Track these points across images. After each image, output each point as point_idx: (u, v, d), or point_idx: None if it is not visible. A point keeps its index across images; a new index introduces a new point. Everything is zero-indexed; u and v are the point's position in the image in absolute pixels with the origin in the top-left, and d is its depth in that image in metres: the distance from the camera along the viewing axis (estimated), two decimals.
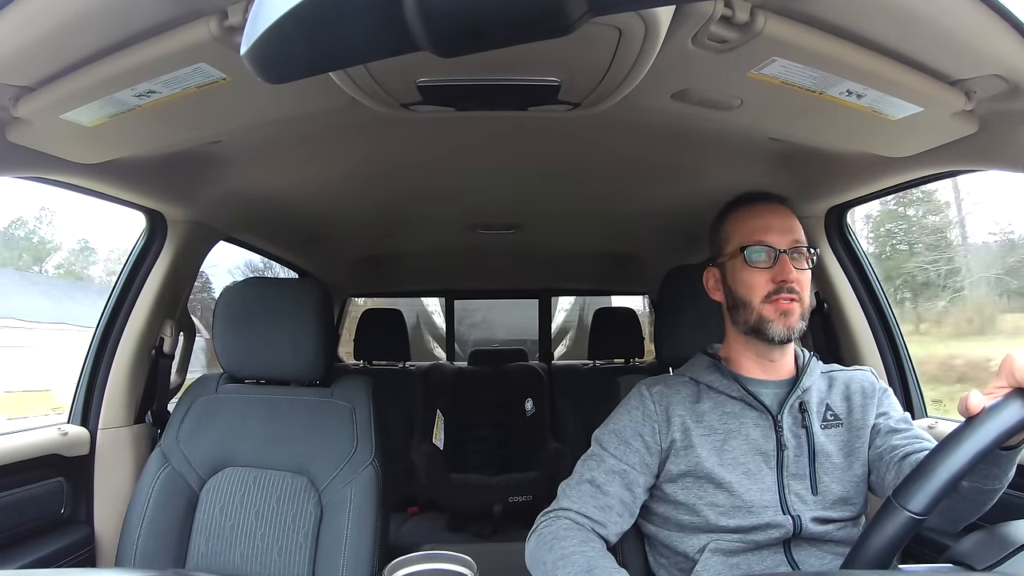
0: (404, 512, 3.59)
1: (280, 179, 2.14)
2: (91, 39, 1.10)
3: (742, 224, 1.50)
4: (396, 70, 1.17)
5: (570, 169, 2.10)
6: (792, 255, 1.44)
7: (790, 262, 1.43)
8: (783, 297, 1.42)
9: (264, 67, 0.61)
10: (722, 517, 1.39)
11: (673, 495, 1.45)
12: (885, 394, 1.52)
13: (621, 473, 1.44)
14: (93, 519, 2.08)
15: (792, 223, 1.48)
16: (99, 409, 2.12)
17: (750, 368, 1.52)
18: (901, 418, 1.47)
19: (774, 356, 1.50)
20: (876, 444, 1.43)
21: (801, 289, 1.43)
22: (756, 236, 1.46)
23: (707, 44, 1.13)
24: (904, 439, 1.38)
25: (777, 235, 1.45)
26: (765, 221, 1.47)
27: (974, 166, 1.56)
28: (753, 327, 1.46)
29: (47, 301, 6.51)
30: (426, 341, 6.25)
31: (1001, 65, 1.15)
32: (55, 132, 1.39)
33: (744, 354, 1.52)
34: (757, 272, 1.44)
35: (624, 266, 3.88)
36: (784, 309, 1.42)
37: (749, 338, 1.49)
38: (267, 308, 1.92)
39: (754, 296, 1.44)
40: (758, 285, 1.44)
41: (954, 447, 0.95)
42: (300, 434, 1.87)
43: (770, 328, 1.43)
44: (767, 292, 1.43)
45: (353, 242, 3.34)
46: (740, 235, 1.49)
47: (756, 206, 1.51)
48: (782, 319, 1.42)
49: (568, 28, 0.56)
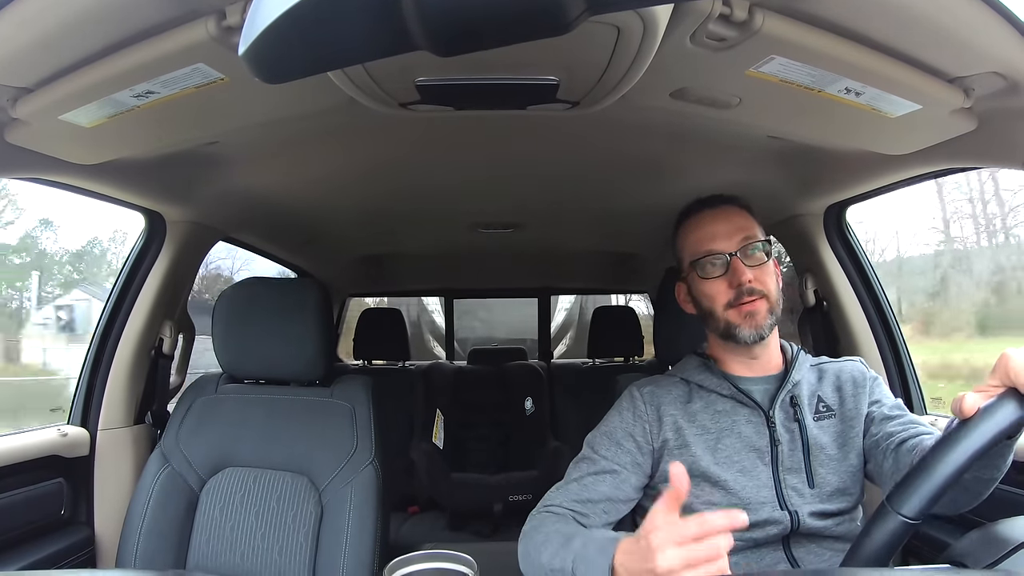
0: (404, 511, 3.58)
1: (279, 179, 2.14)
2: (89, 40, 1.10)
3: (689, 237, 1.52)
4: (394, 69, 1.17)
5: (569, 168, 2.10)
6: (746, 253, 1.44)
7: (743, 263, 1.43)
8: (744, 300, 1.43)
9: (262, 67, 0.61)
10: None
11: None
12: (876, 382, 1.52)
13: (612, 473, 1.45)
14: (93, 520, 2.08)
15: (739, 222, 1.48)
16: (99, 410, 2.12)
17: (736, 367, 1.53)
18: (894, 404, 1.47)
19: (755, 354, 1.50)
20: (871, 432, 1.43)
21: (763, 284, 1.44)
22: (703, 247, 1.47)
23: (705, 42, 1.13)
24: (899, 425, 1.39)
25: (724, 240, 1.46)
26: (709, 229, 1.48)
27: (973, 163, 1.56)
28: (723, 333, 1.47)
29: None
30: (426, 340, 6.25)
31: (999, 62, 1.15)
32: (54, 133, 1.38)
33: (727, 355, 1.53)
34: (713, 282, 1.46)
35: (624, 265, 3.88)
36: (748, 311, 1.43)
37: (726, 342, 1.50)
38: (267, 308, 1.92)
39: (716, 305, 1.46)
40: (718, 294, 1.46)
41: (948, 450, 0.94)
42: (300, 434, 1.87)
43: (738, 332, 1.44)
44: (727, 300, 1.44)
45: (352, 242, 3.34)
46: (689, 248, 1.51)
47: (700, 215, 1.52)
48: (748, 321, 1.43)
49: (566, 27, 0.56)
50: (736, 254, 1.44)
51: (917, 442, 1.30)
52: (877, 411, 1.45)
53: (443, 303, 5.18)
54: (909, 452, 1.29)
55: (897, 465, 1.32)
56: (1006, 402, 0.94)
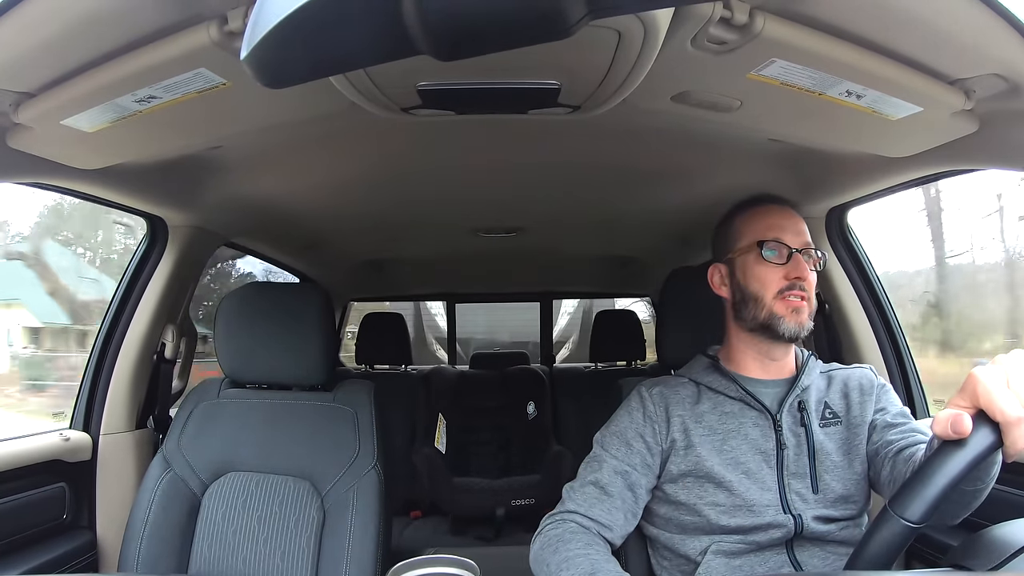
0: (407, 516, 3.59)
1: (281, 184, 2.14)
2: (92, 44, 1.10)
3: (758, 221, 1.53)
4: (396, 74, 1.17)
5: (571, 172, 2.10)
6: (804, 256, 1.47)
7: (803, 261, 1.46)
8: (795, 294, 1.44)
9: (264, 72, 0.61)
10: (723, 516, 1.39)
11: (674, 495, 1.45)
12: (884, 390, 1.52)
13: (624, 474, 1.45)
14: (95, 525, 2.08)
15: (803, 226, 1.52)
16: (101, 414, 2.12)
17: (750, 367, 1.52)
18: (899, 412, 1.47)
19: (777, 355, 1.51)
20: (873, 440, 1.43)
21: (810, 289, 1.46)
22: (772, 233, 1.49)
23: (706, 46, 1.13)
24: (899, 433, 1.39)
25: (792, 235, 1.49)
26: (780, 220, 1.51)
27: (974, 165, 1.56)
28: (763, 323, 1.47)
29: None
30: (428, 344, 6.25)
31: (1000, 64, 1.15)
32: (56, 138, 1.38)
33: (746, 353, 1.53)
34: (771, 268, 1.47)
35: (625, 268, 3.88)
36: (796, 307, 1.44)
37: (755, 335, 1.50)
38: (269, 313, 1.92)
39: (767, 291, 1.46)
40: (772, 280, 1.46)
41: (951, 454, 0.94)
42: (302, 439, 1.87)
43: (781, 324, 1.44)
44: (779, 288, 1.45)
45: (354, 246, 3.34)
46: (755, 231, 1.52)
47: (770, 206, 1.55)
48: (793, 316, 1.44)
49: (567, 31, 0.56)
50: (800, 251, 1.47)
51: (915, 450, 1.30)
52: (880, 419, 1.45)
53: (445, 307, 5.19)
54: (906, 460, 1.30)
55: (894, 473, 1.32)
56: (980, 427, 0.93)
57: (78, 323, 5.82)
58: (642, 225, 2.84)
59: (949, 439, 0.93)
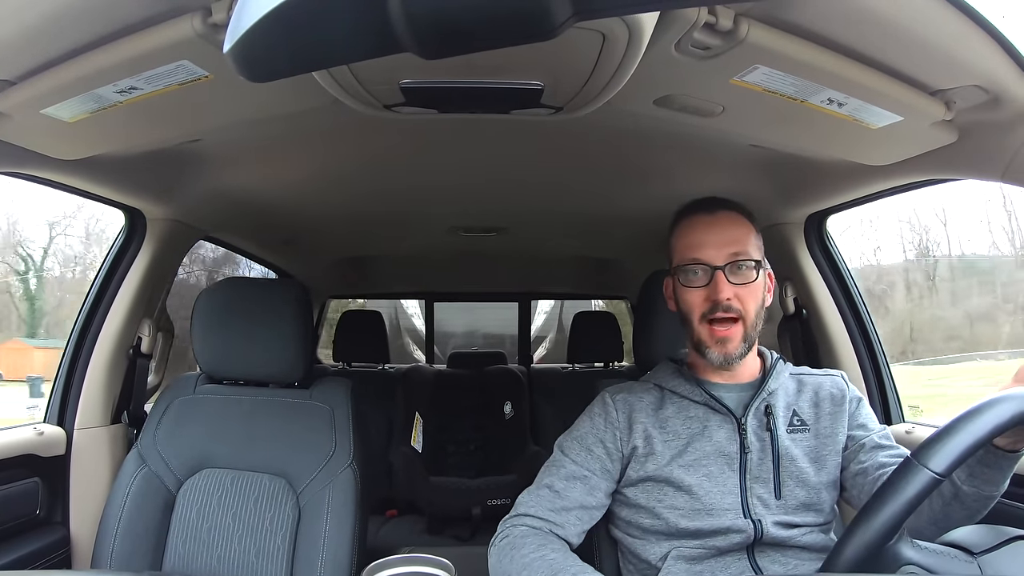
0: (382, 515, 3.57)
1: (261, 178, 2.13)
2: (73, 34, 1.09)
3: (679, 239, 1.49)
4: (379, 71, 1.17)
5: (552, 173, 2.10)
6: (733, 269, 1.41)
7: (727, 278, 1.41)
8: (718, 318, 1.41)
9: (247, 65, 0.61)
10: (682, 519, 1.38)
11: (634, 499, 1.45)
12: (860, 404, 1.51)
13: (582, 479, 1.45)
14: (69, 520, 2.05)
15: (733, 233, 1.45)
16: (75, 409, 2.09)
17: (711, 375, 1.51)
18: (884, 433, 1.46)
19: (730, 368, 1.48)
20: (860, 459, 1.41)
21: (743, 304, 1.41)
22: (690, 253, 1.44)
23: (690, 51, 1.13)
24: (890, 456, 1.38)
25: (713, 250, 1.42)
26: (701, 236, 1.44)
27: (953, 175, 1.57)
28: (695, 346, 1.47)
29: None
30: (405, 343, 6.23)
31: (981, 76, 1.16)
32: (35, 127, 1.37)
33: (702, 363, 1.50)
34: (693, 291, 1.44)
35: (605, 270, 3.89)
36: (720, 337, 1.42)
37: (697, 353, 1.49)
38: (246, 309, 1.91)
39: (693, 315, 1.45)
40: (695, 304, 1.44)
41: (983, 411, 0.97)
42: (278, 436, 1.86)
43: (707, 353, 1.44)
44: (702, 312, 1.43)
45: (333, 243, 3.33)
46: (677, 251, 1.49)
47: (695, 218, 1.48)
48: (719, 347, 1.42)
49: (552, 32, 0.56)
50: (723, 269, 1.41)
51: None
52: (867, 439, 1.44)
53: (424, 306, 5.17)
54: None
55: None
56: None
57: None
58: (622, 227, 2.86)
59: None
